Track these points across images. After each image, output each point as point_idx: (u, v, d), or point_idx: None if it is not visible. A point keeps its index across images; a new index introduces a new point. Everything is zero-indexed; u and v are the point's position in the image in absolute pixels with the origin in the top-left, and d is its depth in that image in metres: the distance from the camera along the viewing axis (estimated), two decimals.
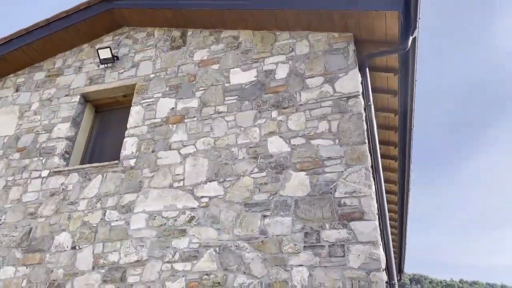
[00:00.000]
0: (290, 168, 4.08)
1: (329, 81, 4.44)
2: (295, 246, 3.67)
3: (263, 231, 3.85)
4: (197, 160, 4.50)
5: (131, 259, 4.15)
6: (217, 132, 4.60)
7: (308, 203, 3.84)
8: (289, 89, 4.56)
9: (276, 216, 3.88)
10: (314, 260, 3.56)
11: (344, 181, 3.83)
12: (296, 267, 3.58)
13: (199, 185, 4.33)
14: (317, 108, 4.33)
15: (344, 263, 3.47)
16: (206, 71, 5.13)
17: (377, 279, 3.33)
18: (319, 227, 3.69)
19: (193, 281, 3.82)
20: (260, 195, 4.05)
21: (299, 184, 3.96)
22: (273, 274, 3.61)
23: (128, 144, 4.96)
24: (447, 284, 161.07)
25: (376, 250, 3.44)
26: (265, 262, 3.69)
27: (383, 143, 6.39)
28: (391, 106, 5.59)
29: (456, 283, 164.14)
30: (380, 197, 4.02)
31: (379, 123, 5.93)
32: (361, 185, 3.75)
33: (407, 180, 7.39)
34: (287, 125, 4.35)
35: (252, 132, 4.45)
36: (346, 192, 3.77)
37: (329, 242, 3.60)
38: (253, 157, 4.29)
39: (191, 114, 4.88)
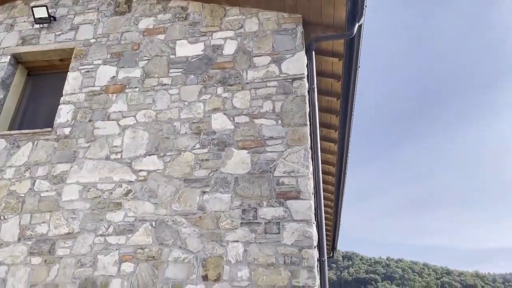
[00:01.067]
0: (233, 146, 4.09)
1: (276, 61, 4.45)
2: (232, 222, 3.72)
3: (201, 207, 3.85)
4: (136, 132, 4.37)
5: (62, 231, 3.99)
6: (159, 105, 4.48)
7: (248, 181, 3.88)
8: (236, 66, 4.52)
9: (215, 192, 3.89)
10: (250, 236, 3.64)
11: (284, 161, 3.91)
12: (232, 242, 3.64)
13: (138, 158, 4.22)
14: (263, 88, 4.34)
15: (278, 240, 3.58)
16: (151, 41, 4.94)
17: (308, 256, 3.47)
18: (257, 205, 3.76)
19: (126, 254, 3.76)
20: (201, 171, 4.03)
21: (240, 162, 3.99)
22: (209, 249, 3.65)
23: (63, 111, 4.69)
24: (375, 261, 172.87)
25: (309, 228, 3.58)
26: (201, 238, 3.71)
27: (325, 126, 6.58)
28: (334, 90, 5.74)
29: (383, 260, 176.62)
30: (317, 178, 4.16)
31: (322, 106, 6.08)
32: (300, 165, 3.86)
33: (344, 163, 7.70)
34: (232, 102, 4.33)
35: (196, 107, 4.38)
36: (285, 171, 3.86)
37: (266, 219, 3.69)
38: (195, 133, 4.24)
39: (133, 84, 4.69)
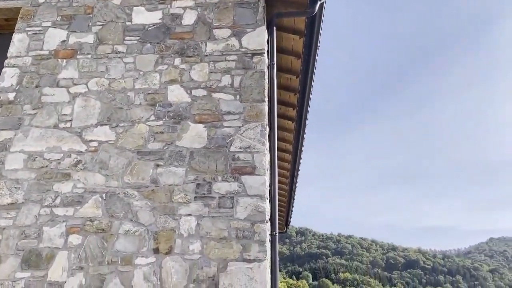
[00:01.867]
0: (189, 119, 4.02)
1: (236, 34, 4.37)
2: (186, 196, 3.70)
3: (154, 180, 3.79)
4: (88, 101, 4.18)
5: (4, 201, 3.79)
6: (113, 73, 4.29)
7: (203, 155, 3.85)
8: (195, 38, 4.40)
9: (169, 166, 3.83)
10: (203, 210, 3.64)
11: (241, 136, 3.90)
12: (185, 216, 3.62)
13: (89, 128, 4.05)
14: (222, 61, 4.27)
15: (231, 214, 3.61)
16: (106, 5, 4.68)
17: (260, 230, 3.53)
18: (212, 179, 3.75)
19: (74, 226, 3.65)
20: (155, 144, 3.94)
21: (196, 136, 3.94)
22: (161, 222, 3.62)
23: (7, 75, 4.39)
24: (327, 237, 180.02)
25: (262, 203, 3.62)
26: (154, 211, 3.67)
27: (283, 104, 6.62)
28: (294, 68, 5.76)
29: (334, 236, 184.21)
30: (273, 155, 4.20)
31: (281, 83, 6.10)
32: (256, 141, 3.87)
33: (301, 141, 7.83)
34: (190, 74, 4.22)
35: (152, 78, 4.24)
36: (241, 147, 3.86)
37: (220, 194, 3.69)
38: (150, 104, 4.12)
39: (85, 50, 4.45)
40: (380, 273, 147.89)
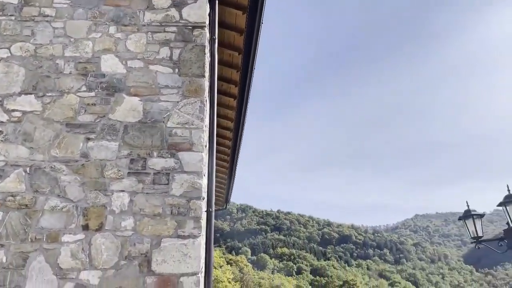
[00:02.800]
0: (124, 92, 3.84)
1: (177, 5, 4.20)
2: (118, 171, 3.56)
3: (85, 154, 3.60)
4: (10, 67, 3.83)
5: None
6: (40, 38, 3.96)
7: (138, 130, 3.72)
8: (132, 5, 4.16)
9: (101, 140, 3.66)
10: (137, 186, 3.53)
11: (178, 111, 3.80)
12: (117, 192, 3.50)
13: (11, 96, 3.73)
14: (161, 32, 4.09)
15: (167, 191, 3.54)
16: None
17: (196, 207, 3.51)
18: (147, 155, 3.64)
19: None
20: (86, 116, 3.73)
21: (131, 110, 3.78)
22: (91, 198, 3.47)
23: None
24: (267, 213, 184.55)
25: (199, 180, 3.59)
26: (83, 186, 3.50)
27: (225, 81, 6.54)
28: (237, 44, 5.68)
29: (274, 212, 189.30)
30: (211, 131, 4.16)
31: (223, 59, 6.00)
32: (194, 117, 3.79)
33: (242, 119, 7.83)
34: (126, 44, 4.01)
35: (84, 46, 3.97)
36: (178, 122, 3.77)
37: (155, 170, 3.60)
38: (82, 74, 3.87)
39: (8, 11, 4.05)
40: (316, 247, 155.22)
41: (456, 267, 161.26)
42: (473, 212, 5.48)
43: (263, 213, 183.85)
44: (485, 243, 5.48)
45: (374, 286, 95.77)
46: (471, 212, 5.48)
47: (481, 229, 5.48)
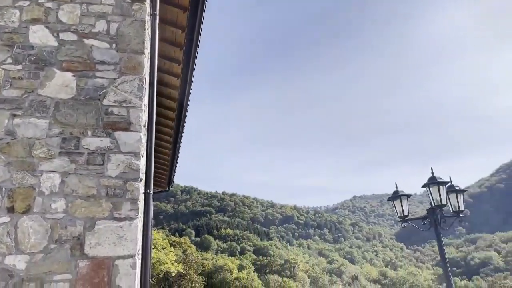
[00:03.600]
0: (55, 66, 3.59)
1: None
2: (49, 151, 3.36)
3: (10, 131, 3.35)
4: None
5: None
6: None
7: (71, 107, 3.51)
8: None
9: (29, 117, 3.42)
10: (69, 167, 3.36)
11: (115, 89, 3.64)
12: (47, 173, 3.30)
13: None
14: (97, 4, 3.86)
15: (102, 172, 3.41)
16: None
17: (133, 188, 3.42)
18: (80, 134, 3.46)
19: None
20: (12, 90, 3.45)
21: (63, 85, 3.56)
22: (17, 179, 3.24)
23: None
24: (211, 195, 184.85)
25: (136, 161, 3.49)
26: (9, 166, 3.26)
27: (168, 59, 6.34)
28: (180, 21, 5.51)
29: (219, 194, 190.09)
30: (151, 111, 4.03)
31: (166, 37, 5.80)
32: (133, 95, 3.65)
33: (186, 99, 7.67)
34: (57, 15, 3.74)
35: (10, 15, 3.65)
36: (115, 100, 3.61)
37: (89, 149, 3.44)
38: (7, 45, 3.57)
39: None
40: (259, 228, 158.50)
41: (389, 244, 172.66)
42: (401, 193, 5.86)
43: (208, 194, 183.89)
44: (410, 221, 5.91)
45: (314, 264, 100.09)
46: (399, 193, 5.87)
47: (407, 208, 5.89)
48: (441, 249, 5.66)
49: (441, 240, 5.60)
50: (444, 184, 5.47)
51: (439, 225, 5.49)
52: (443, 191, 5.47)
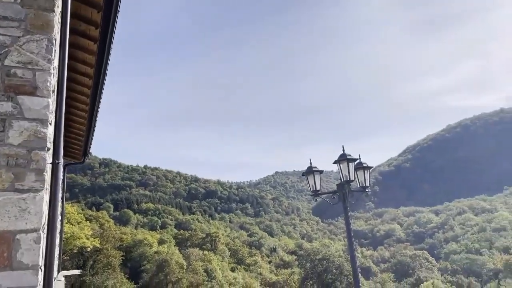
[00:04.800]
0: None
1: None
2: None
3: None
4: None
5: None
6: None
7: None
8: None
9: None
10: None
11: (20, 48, 3.30)
12: None
13: None
14: None
15: (2, 139, 3.11)
16: None
17: (39, 158, 3.17)
18: None
19: None
20: None
21: None
22: None
23: None
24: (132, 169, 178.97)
25: (43, 129, 3.23)
26: None
27: (84, 21, 5.87)
28: None
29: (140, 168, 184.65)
30: (61, 75, 3.72)
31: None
32: (40, 57, 3.34)
33: (105, 65, 7.21)
34: None
35: None
36: (19, 61, 3.27)
37: None
38: None
39: None
40: (182, 202, 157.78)
41: (306, 218, 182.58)
42: (314, 168, 6.17)
43: (129, 168, 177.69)
44: (321, 195, 6.28)
45: (235, 237, 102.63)
46: (312, 168, 6.17)
47: (320, 183, 6.24)
48: (347, 220, 6.11)
49: (348, 212, 6.03)
50: (353, 161, 5.87)
51: (347, 199, 5.91)
52: (351, 167, 5.87)
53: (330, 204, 6.34)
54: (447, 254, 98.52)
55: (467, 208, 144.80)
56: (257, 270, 68.97)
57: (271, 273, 71.51)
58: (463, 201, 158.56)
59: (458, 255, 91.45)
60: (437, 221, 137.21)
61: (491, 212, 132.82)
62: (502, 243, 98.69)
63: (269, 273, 70.76)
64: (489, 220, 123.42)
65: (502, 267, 73.27)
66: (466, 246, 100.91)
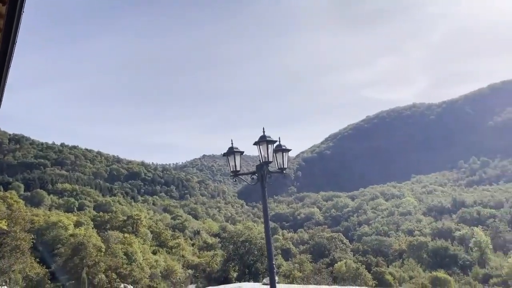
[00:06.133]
0: None
1: None
2: None
3: None
4: None
5: None
6: None
7: None
8: None
9: None
10: None
11: None
12: None
13: None
14: None
15: None
16: None
17: None
18: None
19: None
20: None
21: None
22: None
23: None
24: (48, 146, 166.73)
25: None
26: None
27: None
28: None
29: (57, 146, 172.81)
30: None
31: None
32: None
33: (14, 31, 6.57)
34: None
35: None
36: None
37: None
38: None
39: None
40: (102, 183, 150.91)
41: (231, 201, 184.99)
42: (235, 149, 6.25)
43: (43, 145, 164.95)
44: (240, 176, 6.41)
45: (158, 220, 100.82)
46: (233, 149, 6.24)
47: (240, 164, 6.34)
48: (264, 200, 6.32)
49: (265, 192, 6.23)
50: (272, 143, 6.04)
51: (265, 179, 6.08)
52: (271, 149, 6.04)
53: (256, 188, 6.50)
54: (359, 236, 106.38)
55: (379, 194, 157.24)
56: (180, 253, 68.58)
57: (193, 255, 71.60)
58: (376, 187, 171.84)
59: (369, 237, 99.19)
60: (353, 205, 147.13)
61: (399, 198, 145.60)
62: (407, 226, 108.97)
63: (191, 255, 70.79)
64: (397, 205, 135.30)
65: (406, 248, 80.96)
66: (376, 229, 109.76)
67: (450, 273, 62.22)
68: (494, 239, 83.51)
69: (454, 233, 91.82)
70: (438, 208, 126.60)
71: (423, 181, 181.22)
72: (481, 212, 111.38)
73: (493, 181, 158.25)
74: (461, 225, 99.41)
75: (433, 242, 78.53)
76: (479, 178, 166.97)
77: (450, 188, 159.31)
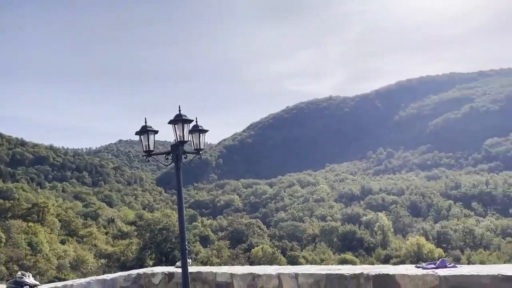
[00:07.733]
0: None
1: None
2: None
3: None
4: None
5: None
6: None
7: None
8: None
9: None
10: None
11: None
12: None
13: None
14: None
15: None
16: None
17: None
18: None
19: None
20: None
21: None
22: None
23: None
24: None
25: None
26: None
27: None
28: None
29: None
30: None
31: None
32: None
33: None
34: None
35: None
36: None
37: None
38: None
39: None
40: (3, 168, 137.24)
41: (149, 188, 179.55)
42: (149, 128, 5.91)
43: None
44: (154, 156, 6.09)
45: (68, 208, 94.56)
46: (147, 128, 5.90)
47: (154, 143, 6.01)
48: (179, 182, 6.09)
49: (180, 174, 5.99)
50: (188, 122, 5.79)
51: (180, 160, 5.82)
52: (186, 128, 5.79)
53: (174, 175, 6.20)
54: (276, 221, 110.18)
55: (296, 181, 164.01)
56: (92, 242, 65.29)
57: (107, 244, 68.62)
58: (293, 175, 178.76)
59: (285, 222, 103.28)
60: (271, 192, 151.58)
61: (314, 185, 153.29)
62: (320, 212, 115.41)
63: (105, 244, 67.77)
64: (312, 192, 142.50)
65: (318, 233, 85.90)
66: (292, 215, 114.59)
67: (357, 255, 67.51)
68: (395, 223, 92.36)
69: (362, 218, 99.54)
70: (349, 195, 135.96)
71: (336, 169, 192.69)
72: (385, 198, 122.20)
73: (396, 170, 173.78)
74: (368, 210, 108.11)
75: (343, 226, 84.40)
76: (384, 167, 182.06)
77: (359, 177, 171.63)
